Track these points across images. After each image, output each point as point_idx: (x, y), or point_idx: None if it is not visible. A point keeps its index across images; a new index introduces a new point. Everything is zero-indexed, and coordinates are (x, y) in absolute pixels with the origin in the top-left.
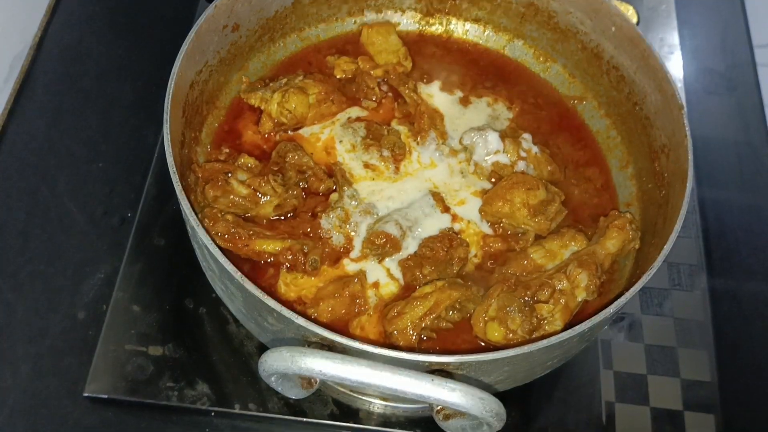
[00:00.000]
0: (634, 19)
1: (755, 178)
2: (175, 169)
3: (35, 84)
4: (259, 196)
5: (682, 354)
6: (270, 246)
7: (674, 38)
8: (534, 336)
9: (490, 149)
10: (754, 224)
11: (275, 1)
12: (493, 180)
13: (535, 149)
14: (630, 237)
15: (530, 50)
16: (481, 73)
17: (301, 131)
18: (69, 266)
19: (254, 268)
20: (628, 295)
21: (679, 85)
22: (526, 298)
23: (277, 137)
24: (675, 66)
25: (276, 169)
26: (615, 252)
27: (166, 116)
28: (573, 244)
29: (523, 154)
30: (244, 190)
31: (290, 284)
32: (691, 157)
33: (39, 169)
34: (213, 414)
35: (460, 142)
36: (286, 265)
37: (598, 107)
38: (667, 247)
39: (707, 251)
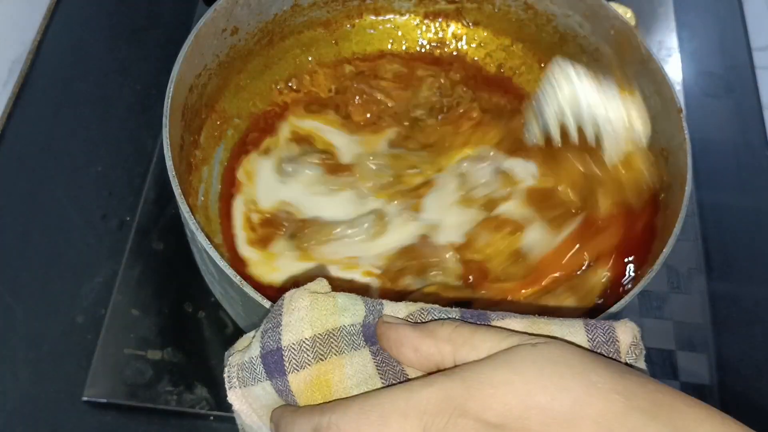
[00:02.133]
0: (633, 22)
1: (754, 180)
2: (174, 172)
3: (34, 87)
4: None
5: (681, 357)
6: None
7: (673, 41)
8: None
9: (483, 181)
10: (753, 226)
11: (274, 4)
12: (483, 211)
13: (529, 182)
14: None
15: (529, 53)
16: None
17: None
18: (68, 270)
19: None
20: (627, 298)
21: (678, 87)
22: None
23: None
24: (674, 69)
25: None
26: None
27: (165, 120)
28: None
29: (519, 185)
30: None
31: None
32: (689, 160)
33: (38, 173)
34: (212, 418)
35: (455, 170)
36: None
37: None
38: (666, 251)
39: (706, 254)
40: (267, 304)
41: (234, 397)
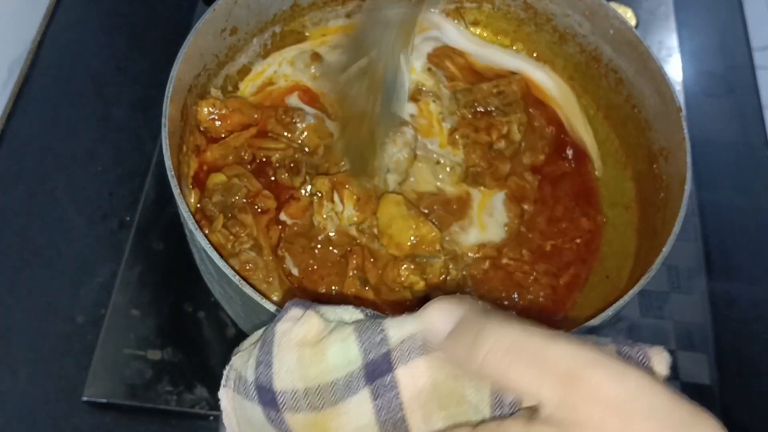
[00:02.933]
0: (633, 22)
1: (754, 180)
2: (173, 173)
3: (34, 88)
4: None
5: (682, 357)
6: None
7: (673, 41)
8: None
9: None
10: (753, 226)
11: (273, 4)
12: None
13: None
14: None
15: (529, 53)
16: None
17: None
18: (68, 270)
19: None
20: (626, 297)
21: (678, 87)
22: None
23: None
24: (674, 68)
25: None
26: None
27: (164, 120)
28: None
29: None
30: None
31: None
32: (689, 159)
33: (38, 173)
34: (212, 418)
35: None
36: None
37: (596, 110)
38: (666, 250)
39: (707, 253)
40: (265, 303)
41: (224, 395)
